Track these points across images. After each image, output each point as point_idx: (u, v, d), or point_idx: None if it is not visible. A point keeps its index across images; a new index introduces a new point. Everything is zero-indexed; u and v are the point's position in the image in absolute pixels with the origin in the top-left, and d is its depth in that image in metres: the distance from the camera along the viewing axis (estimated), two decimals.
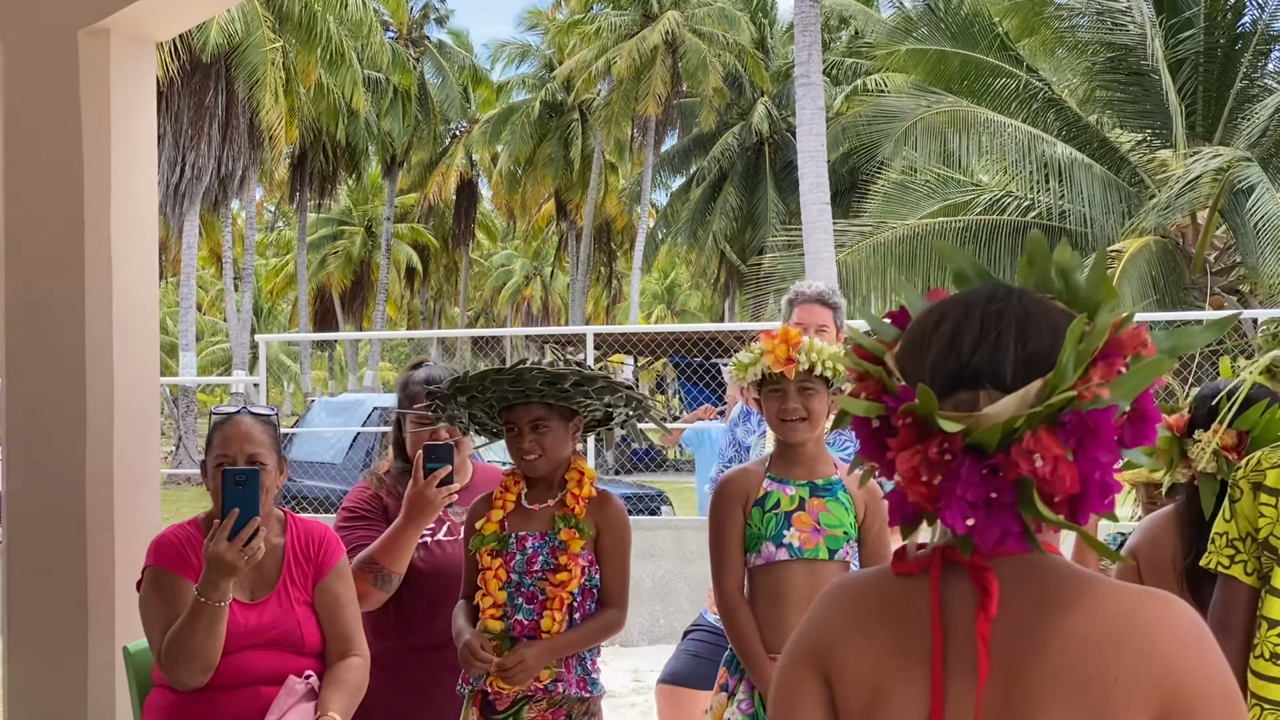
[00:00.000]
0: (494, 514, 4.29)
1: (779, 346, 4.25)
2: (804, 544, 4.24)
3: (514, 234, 69.76)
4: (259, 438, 4.48)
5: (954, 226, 19.43)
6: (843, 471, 4.40)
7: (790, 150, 41.35)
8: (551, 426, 4.22)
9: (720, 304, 52.35)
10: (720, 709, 4.35)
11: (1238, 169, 17.20)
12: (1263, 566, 3.54)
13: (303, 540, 4.58)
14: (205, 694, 4.42)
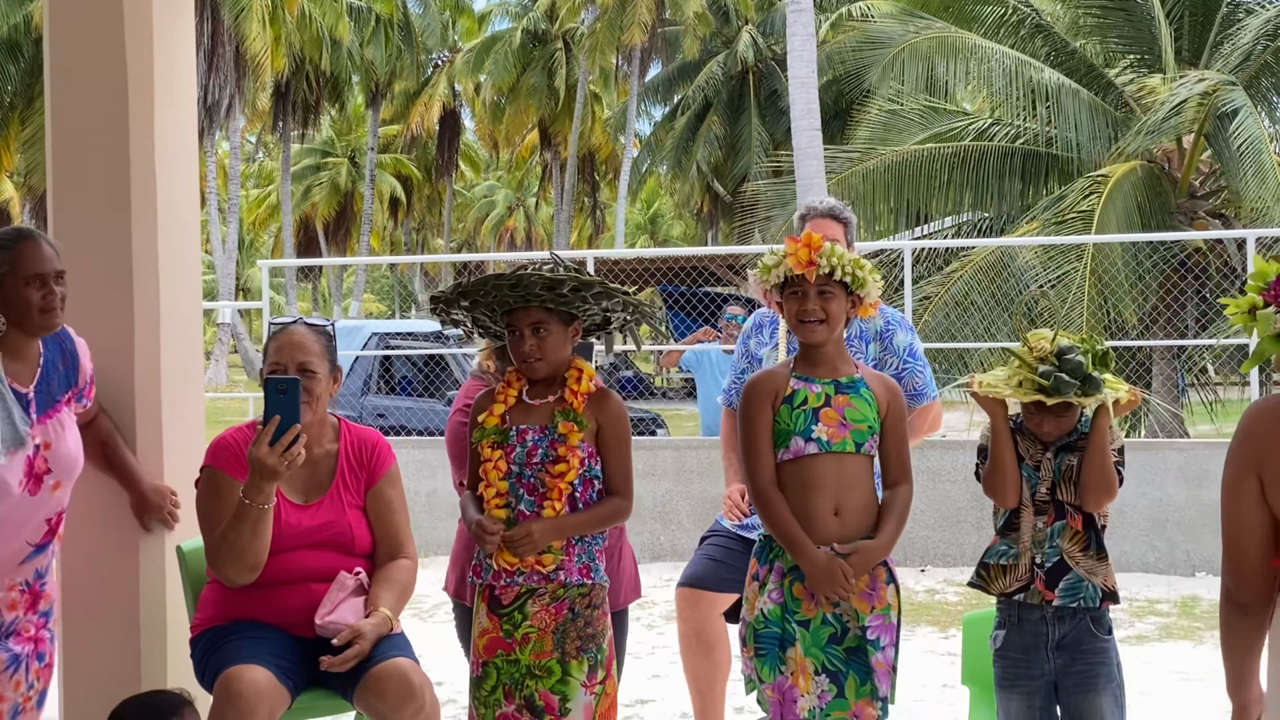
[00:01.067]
0: (496, 408, 4.51)
1: (801, 250, 4.47)
2: (832, 438, 4.47)
3: (497, 164, 69.66)
4: (311, 346, 4.70)
5: (943, 153, 19.56)
6: (864, 370, 4.64)
7: (775, 79, 41.43)
8: (551, 329, 4.44)
9: (704, 233, 52.46)
10: (754, 598, 4.56)
11: (1222, 93, 17.34)
12: None
13: (356, 447, 4.81)
14: (259, 589, 4.67)
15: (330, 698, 4.76)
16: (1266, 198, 16.75)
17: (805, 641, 4.46)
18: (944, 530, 12.02)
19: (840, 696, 4.44)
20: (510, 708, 4.41)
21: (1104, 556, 4.47)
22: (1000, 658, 4.57)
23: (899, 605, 4.56)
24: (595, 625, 4.48)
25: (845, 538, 4.45)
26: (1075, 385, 4.36)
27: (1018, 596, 4.48)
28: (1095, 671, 4.44)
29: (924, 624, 10.02)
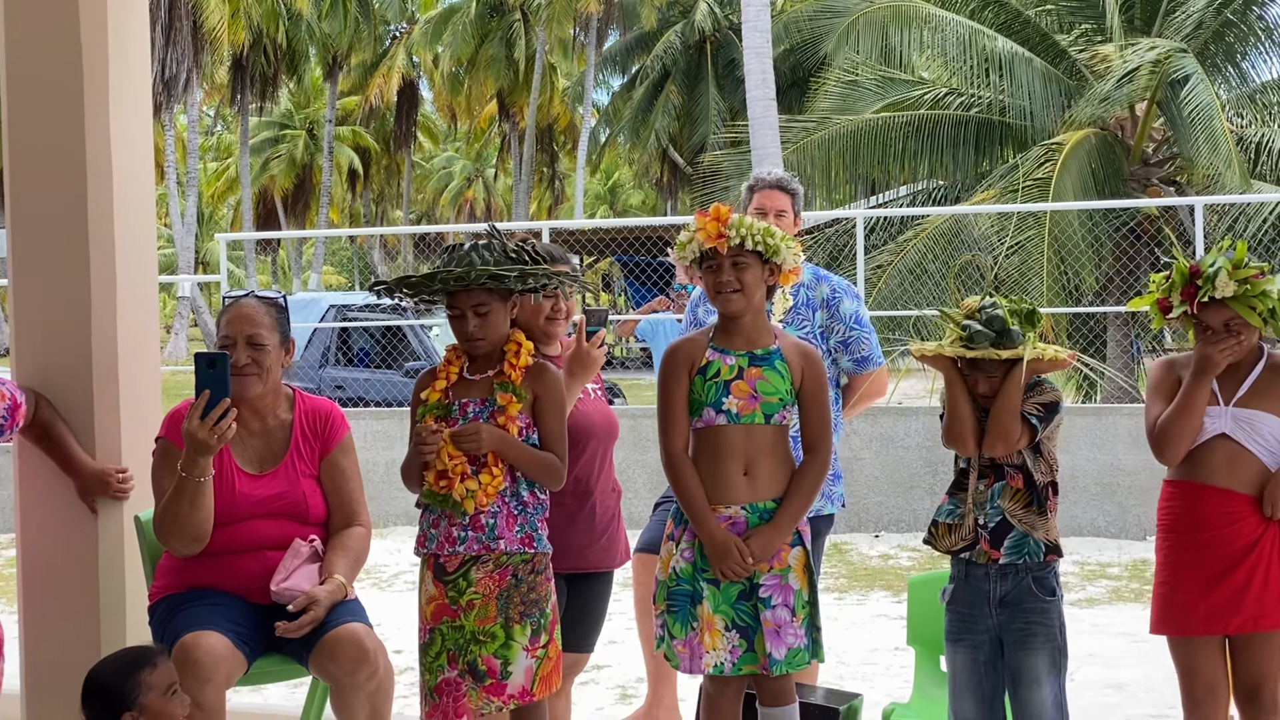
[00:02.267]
0: (438, 384, 4.62)
1: (710, 223, 4.57)
2: (741, 410, 4.58)
3: (455, 136, 69.49)
4: (261, 319, 4.78)
5: (898, 122, 19.68)
6: (782, 340, 4.72)
7: (732, 48, 41.42)
8: (492, 308, 4.55)
9: (663, 203, 52.48)
10: (668, 557, 4.69)
11: (1174, 60, 17.50)
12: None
13: (310, 416, 4.90)
14: (215, 557, 4.76)
15: (286, 663, 4.84)
16: (1218, 164, 16.94)
17: (715, 599, 4.58)
18: (897, 496, 12.15)
19: (750, 651, 4.57)
20: (453, 672, 4.52)
21: (1044, 512, 4.58)
22: (949, 611, 4.69)
23: (805, 565, 4.65)
24: (538, 590, 4.59)
25: (756, 496, 4.57)
26: (991, 336, 4.48)
27: (964, 555, 4.60)
28: (1034, 631, 4.56)
29: (877, 588, 10.16)
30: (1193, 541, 4.59)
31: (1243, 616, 4.53)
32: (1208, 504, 4.57)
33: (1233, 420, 4.56)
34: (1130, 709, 7.37)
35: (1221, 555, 4.53)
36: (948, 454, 12.44)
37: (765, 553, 4.56)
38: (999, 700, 4.65)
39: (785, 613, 4.58)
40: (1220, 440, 4.55)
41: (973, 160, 19.98)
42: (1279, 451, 4.56)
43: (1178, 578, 4.63)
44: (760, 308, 4.70)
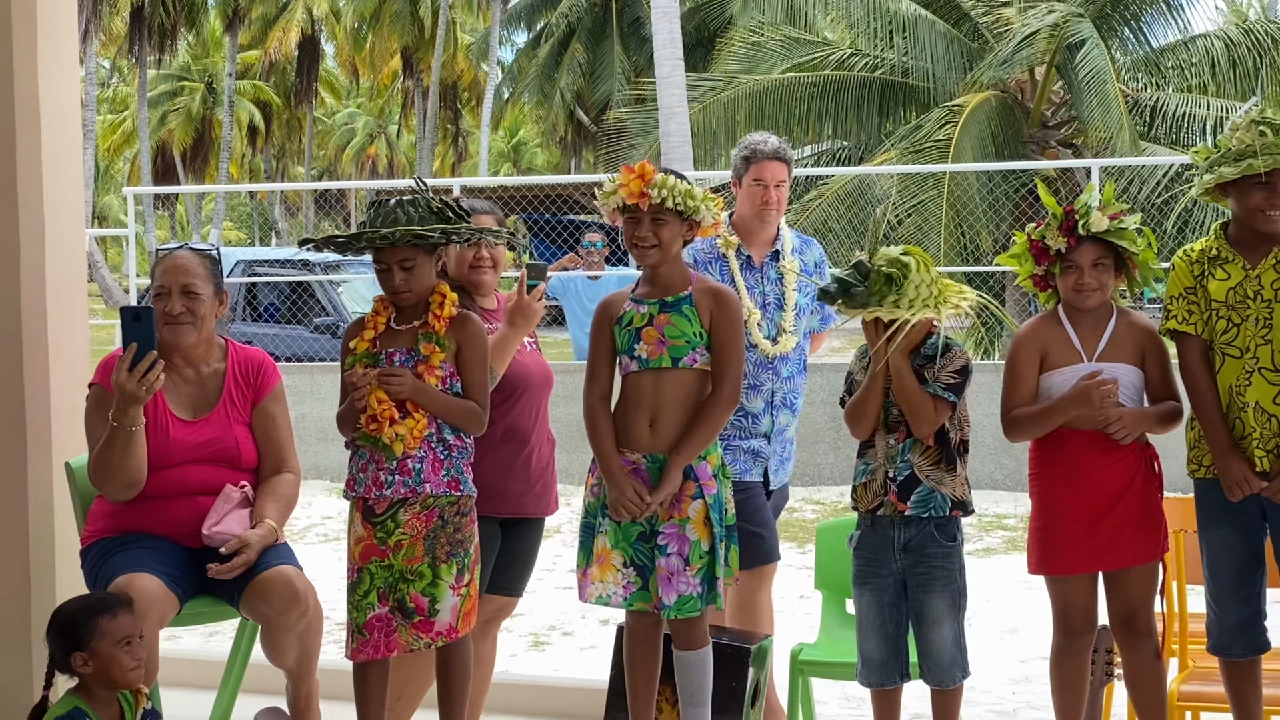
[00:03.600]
0: (366, 334, 4.80)
1: (634, 181, 4.76)
2: (650, 355, 4.79)
3: (358, 91, 68.98)
4: (195, 269, 4.92)
5: (803, 83, 19.88)
6: (698, 286, 4.88)
7: (637, 5, 41.45)
8: (418, 262, 4.74)
9: (568, 161, 52.49)
10: (584, 493, 4.95)
11: (1071, 24, 17.81)
12: None
13: (243, 365, 5.05)
14: (147, 502, 4.89)
15: (217, 604, 4.98)
16: (1111, 127, 17.28)
17: (614, 535, 4.81)
18: (802, 450, 12.30)
19: (644, 589, 4.79)
20: (383, 609, 4.69)
21: (953, 469, 4.80)
22: (856, 556, 4.90)
23: (705, 518, 4.81)
24: (464, 531, 4.78)
25: (657, 448, 4.77)
26: (837, 295, 4.72)
27: (877, 511, 4.81)
28: (935, 575, 4.79)
29: (783, 540, 10.36)
30: (1067, 485, 4.82)
31: (1120, 553, 4.77)
32: (1079, 449, 4.79)
33: None
34: (1025, 649, 7.66)
35: (1095, 498, 4.76)
36: None
37: (664, 498, 4.76)
38: (903, 639, 4.88)
39: (679, 561, 4.77)
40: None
41: (876, 121, 20.24)
42: (1137, 399, 4.82)
43: (1054, 520, 4.85)
44: (678, 258, 4.89)
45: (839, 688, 6.57)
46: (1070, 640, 4.87)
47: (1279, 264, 4.73)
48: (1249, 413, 4.71)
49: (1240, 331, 4.74)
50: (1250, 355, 4.72)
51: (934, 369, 4.75)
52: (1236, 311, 4.75)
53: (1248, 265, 4.75)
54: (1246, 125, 4.78)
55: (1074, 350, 4.82)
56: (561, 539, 10.60)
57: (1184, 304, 4.86)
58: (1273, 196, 4.70)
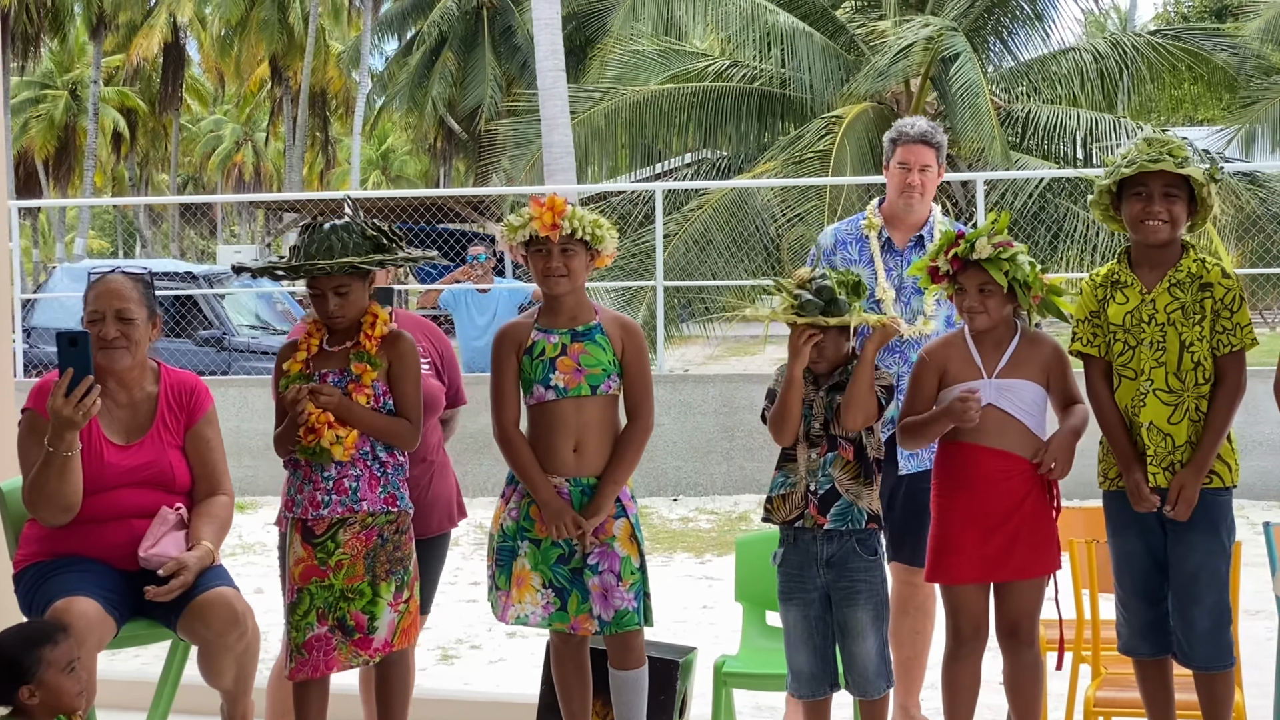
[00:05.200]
0: (299, 355, 4.88)
1: (545, 213, 4.90)
2: (568, 384, 4.94)
3: (224, 98, 68.21)
4: (128, 293, 4.94)
5: (682, 93, 20.04)
6: (603, 315, 5.07)
7: (509, 14, 41.43)
8: (352, 287, 4.83)
9: (437, 170, 52.28)
10: (499, 514, 5.05)
11: (945, 38, 18.13)
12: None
13: (176, 389, 5.06)
14: (83, 526, 4.89)
15: (154, 627, 4.98)
16: (983, 139, 17.60)
17: (533, 557, 4.95)
18: (695, 460, 12.52)
19: (562, 610, 4.92)
20: (323, 629, 4.77)
21: (870, 483, 4.94)
22: (780, 572, 5.03)
23: (631, 535, 5.00)
24: (403, 549, 4.89)
25: (582, 472, 4.94)
26: (820, 304, 4.82)
27: (795, 523, 4.93)
28: (858, 588, 4.93)
29: (680, 551, 10.50)
30: (966, 498, 4.95)
31: (1011, 566, 4.93)
32: (980, 463, 4.93)
33: (995, 390, 4.93)
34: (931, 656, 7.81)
35: (992, 511, 4.91)
36: (744, 420, 12.93)
37: (595, 520, 4.92)
38: (830, 651, 5.01)
39: (611, 578, 4.91)
40: (986, 409, 4.91)
41: (756, 132, 20.46)
42: (1037, 415, 4.98)
43: (951, 530, 4.99)
44: (581, 288, 5.05)
45: (753, 698, 6.69)
46: (960, 646, 5.02)
47: (1173, 288, 4.91)
48: (1144, 432, 4.90)
49: (1136, 354, 4.92)
50: (1145, 377, 4.89)
51: None
52: (1132, 334, 4.93)
53: (1144, 289, 4.93)
54: (1139, 141, 4.97)
55: (974, 367, 4.98)
56: (460, 552, 10.62)
57: (1088, 327, 5.05)
58: (1149, 205, 4.87)
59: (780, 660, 5.16)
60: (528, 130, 20.95)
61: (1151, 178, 4.86)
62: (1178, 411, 4.87)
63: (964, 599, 5.01)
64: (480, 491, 12.48)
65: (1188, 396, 4.87)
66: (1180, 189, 4.87)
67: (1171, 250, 4.95)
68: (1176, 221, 4.89)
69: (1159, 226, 4.87)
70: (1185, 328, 4.87)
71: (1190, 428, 4.88)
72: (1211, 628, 4.91)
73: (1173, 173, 4.82)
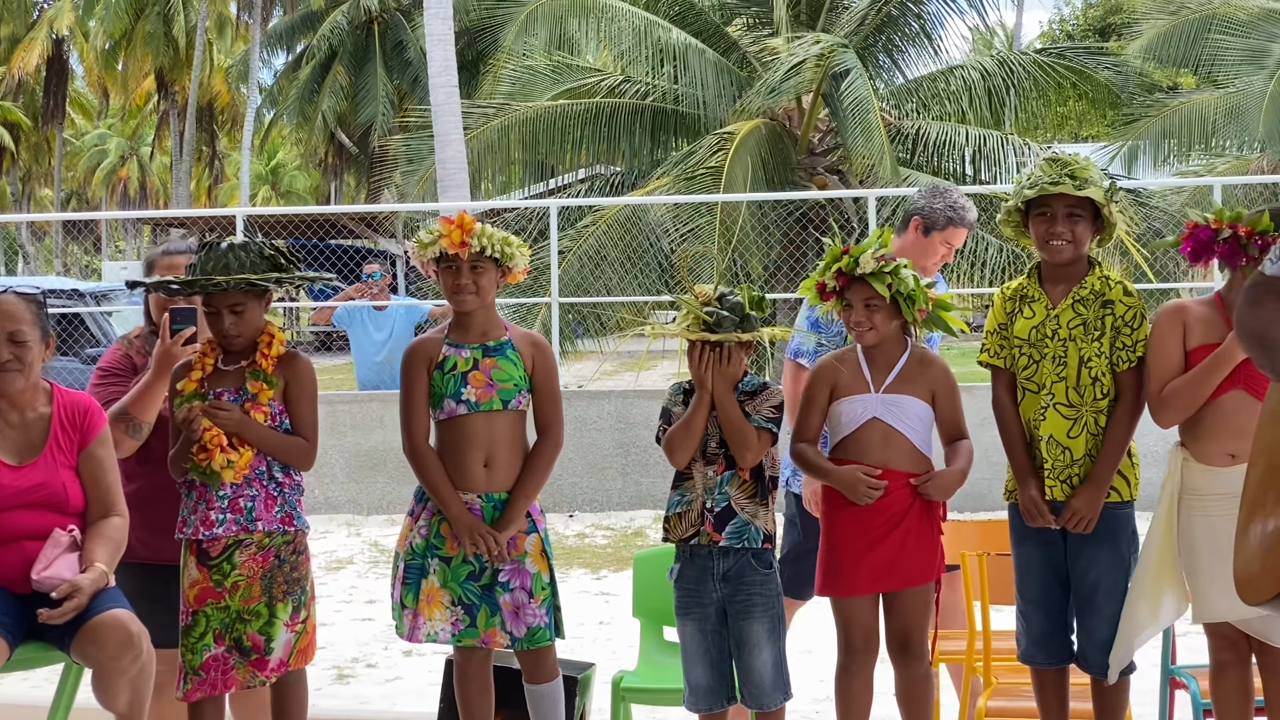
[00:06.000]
0: (194, 374, 4.89)
1: (454, 231, 4.94)
2: (479, 398, 4.97)
3: (109, 112, 67.38)
4: (22, 315, 4.89)
5: (576, 109, 20.06)
6: (513, 331, 5.10)
7: (400, 29, 41.33)
8: (248, 307, 4.85)
9: (328, 185, 51.98)
10: (406, 532, 5.08)
11: (836, 55, 18.28)
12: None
13: (69, 410, 5.01)
14: None
15: (47, 650, 4.91)
16: (873, 155, 17.77)
17: (443, 575, 4.97)
18: (590, 477, 12.54)
19: (472, 626, 4.94)
20: (219, 650, 4.78)
21: (766, 502, 5.00)
22: (677, 587, 5.07)
23: (541, 550, 5.05)
24: (300, 569, 4.91)
25: (493, 487, 4.98)
26: (736, 321, 4.88)
27: (691, 540, 4.97)
28: (754, 601, 4.98)
29: (576, 566, 10.50)
30: (851, 513, 5.02)
31: (897, 576, 5.01)
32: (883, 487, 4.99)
33: (882, 405, 5.02)
34: (824, 669, 7.86)
35: (877, 524, 4.98)
36: (638, 436, 12.92)
37: (505, 528, 4.94)
38: (726, 664, 5.06)
39: (523, 595, 4.95)
40: (873, 422, 5.01)
41: (648, 148, 20.53)
42: (923, 431, 5.08)
43: (839, 544, 5.06)
44: (492, 304, 5.09)
45: (651, 713, 6.70)
46: (852, 659, 5.09)
47: (1076, 304, 5.02)
48: (1043, 446, 5.00)
49: (1039, 368, 5.03)
50: (1046, 391, 5.00)
51: (755, 403, 4.94)
52: (1036, 349, 5.03)
53: (1050, 305, 5.04)
54: (1042, 161, 5.07)
55: (864, 381, 5.06)
56: (355, 570, 10.58)
57: (996, 339, 5.15)
58: (1053, 225, 4.99)
59: (677, 675, 5.21)
60: (421, 146, 20.88)
61: (1054, 199, 4.97)
62: (1076, 426, 4.97)
63: (854, 611, 5.07)
64: (375, 509, 12.46)
65: (1086, 411, 4.97)
66: (1083, 209, 4.98)
67: (1078, 267, 5.07)
68: (1080, 241, 5.01)
69: (1062, 246, 4.99)
70: (1085, 344, 4.97)
71: (1088, 442, 4.98)
72: (1111, 637, 5.01)
73: (1074, 194, 4.93)
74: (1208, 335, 4.86)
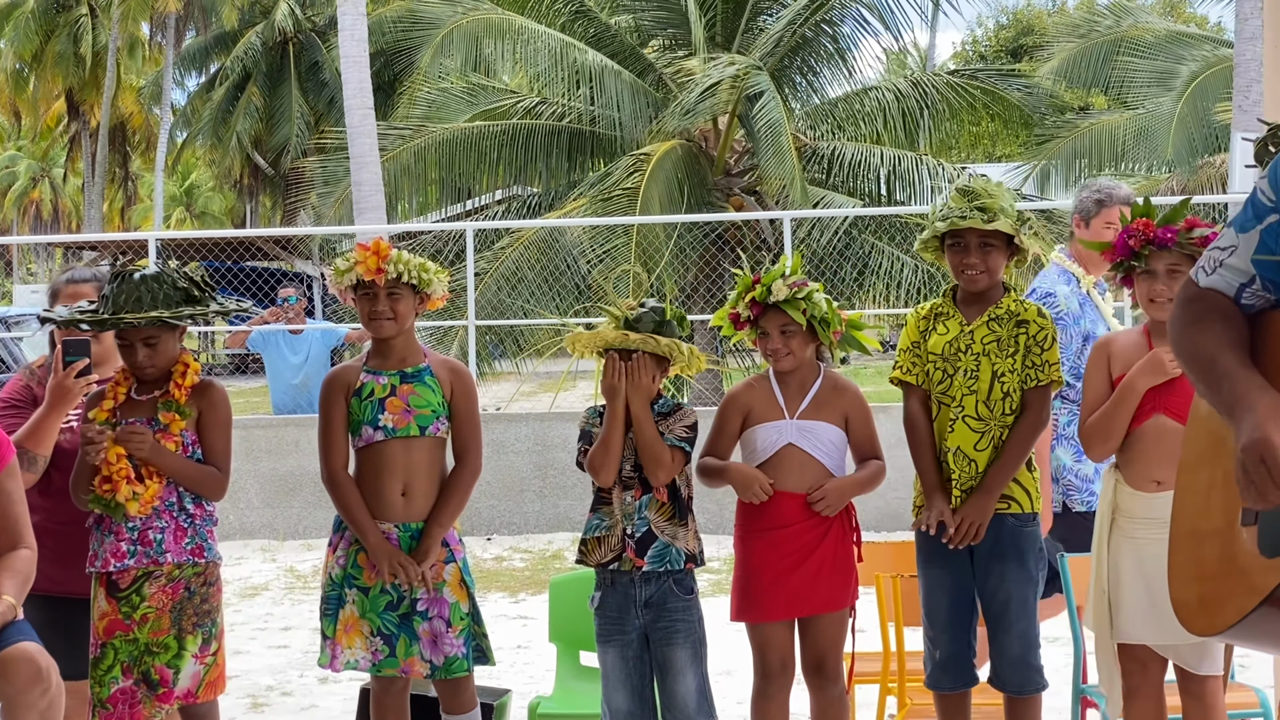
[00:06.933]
0: (105, 404, 4.88)
1: (370, 258, 4.95)
2: (397, 424, 4.99)
3: (19, 134, 66.62)
4: None
5: (492, 131, 20.04)
6: (432, 359, 5.11)
7: (315, 50, 41.22)
8: (162, 339, 4.84)
9: (244, 206, 51.67)
10: (326, 562, 5.11)
11: (751, 76, 18.38)
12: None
13: None
14: None
15: None
16: (785, 176, 17.86)
17: (361, 605, 4.99)
18: (508, 500, 12.50)
19: (392, 655, 4.96)
20: (127, 682, 4.77)
21: (685, 522, 5.01)
22: (598, 615, 5.07)
23: (460, 580, 5.07)
24: (211, 601, 4.90)
25: (410, 517, 5.00)
26: (656, 321, 4.98)
27: (612, 566, 4.97)
28: (676, 627, 5.01)
29: (494, 590, 10.45)
30: (766, 539, 5.08)
31: (812, 602, 5.06)
32: (779, 505, 5.06)
33: (797, 431, 5.08)
34: (741, 691, 7.88)
35: (792, 550, 5.04)
36: (556, 458, 12.89)
37: (428, 560, 4.95)
38: (648, 690, 5.07)
39: (441, 624, 4.95)
40: (788, 449, 5.07)
41: (565, 169, 20.58)
42: (838, 456, 5.14)
43: (754, 570, 5.11)
44: (411, 331, 5.07)
45: None
46: (768, 683, 5.13)
47: (991, 322, 5.09)
48: (950, 457, 5.05)
49: (951, 382, 5.08)
50: (957, 404, 5.06)
51: (669, 423, 4.97)
52: (950, 363, 5.09)
53: (965, 321, 5.10)
54: (954, 191, 5.14)
55: (777, 407, 5.11)
56: (271, 596, 10.49)
57: (909, 356, 5.20)
58: (966, 256, 5.07)
59: (594, 700, 5.21)
60: (336, 168, 20.83)
61: (966, 231, 5.03)
62: (984, 439, 5.03)
63: (770, 636, 5.10)
64: (290, 534, 12.37)
65: (994, 425, 5.03)
66: (996, 238, 5.06)
67: (993, 291, 5.14)
68: (993, 270, 5.09)
69: (976, 277, 5.08)
70: (999, 359, 5.04)
71: (994, 455, 5.03)
72: (1022, 653, 5.06)
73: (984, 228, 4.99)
74: (1129, 365, 4.92)
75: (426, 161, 19.89)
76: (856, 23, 21.58)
